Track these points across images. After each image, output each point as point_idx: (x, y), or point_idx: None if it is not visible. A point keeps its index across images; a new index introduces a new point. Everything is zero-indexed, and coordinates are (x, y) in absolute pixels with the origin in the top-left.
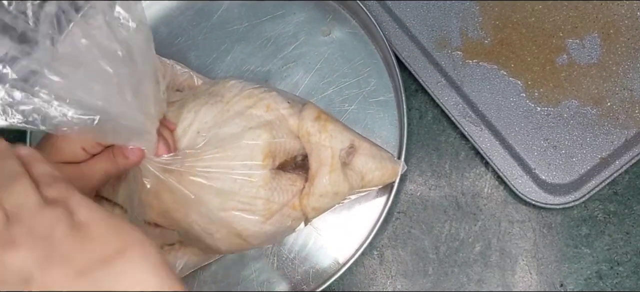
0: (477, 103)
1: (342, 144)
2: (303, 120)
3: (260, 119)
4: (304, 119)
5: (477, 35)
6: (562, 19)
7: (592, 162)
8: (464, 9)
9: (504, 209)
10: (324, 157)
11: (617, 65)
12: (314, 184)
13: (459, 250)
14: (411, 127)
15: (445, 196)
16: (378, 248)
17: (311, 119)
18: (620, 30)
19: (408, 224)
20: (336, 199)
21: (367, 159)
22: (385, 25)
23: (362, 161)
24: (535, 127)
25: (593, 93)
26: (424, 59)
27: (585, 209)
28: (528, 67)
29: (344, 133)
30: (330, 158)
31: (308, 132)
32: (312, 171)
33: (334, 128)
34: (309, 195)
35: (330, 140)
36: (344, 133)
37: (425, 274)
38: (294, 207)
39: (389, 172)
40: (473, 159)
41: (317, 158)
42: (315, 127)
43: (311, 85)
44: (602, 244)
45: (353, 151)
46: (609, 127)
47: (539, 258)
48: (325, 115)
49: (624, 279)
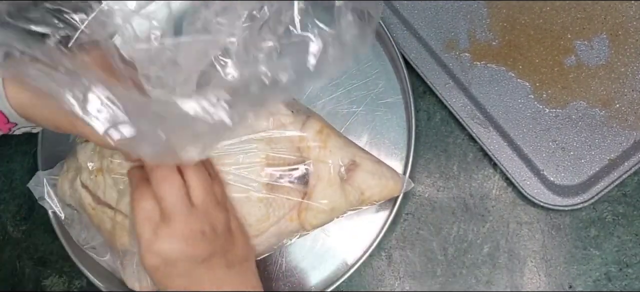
0: (485, 105)
1: (343, 161)
2: (305, 133)
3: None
4: (306, 132)
5: (485, 37)
6: (570, 20)
7: (601, 163)
8: (472, 11)
9: (513, 210)
10: (323, 172)
11: (625, 67)
12: (311, 200)
13: (467, 251)
14: (419, 129)
15: (454, 197)
16: (386, 249)
17: (313, 133)
18: (628, 31)
19: (416, 225)
20: (333, 214)
21: (367, 176)
22: (393, 28)
23: (362, 178)
24: (543, 129)
25: (601, 94)
26: (432, 61)
27: (594, 211)
28: (536, 69)
29: (345, 149)
30: (328, 174)
31: (309, 146)
32: (310, 185)
33: (336, 143)
34: (306, 210)
35: (331, 156)
36: (345, 149)
37: (434, 275)
38: (291, 219)
39: (390, 189)
40: (481, 161)
41: (316, 173)
42: (317, 142)
43: (319, 87)
44: (611, 245)
45: (354, 167)
46: (617, 128)
47: (547, 260)
48: (328, 129)
49: (632, 280)
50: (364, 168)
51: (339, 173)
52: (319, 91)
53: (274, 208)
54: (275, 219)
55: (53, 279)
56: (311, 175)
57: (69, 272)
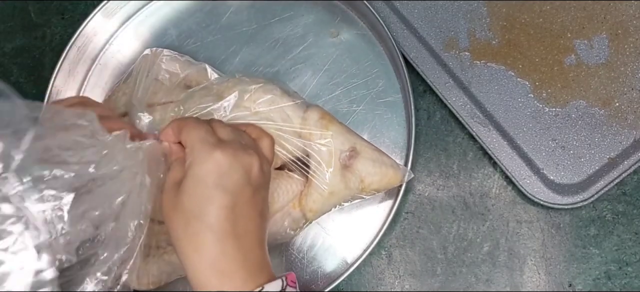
0: (485, 103)
1: (343, 146)
2: (306, 120)
3: (262, 118)
4: (308, 119)
5: (485, 36)
6: (570, 19)
7: (601, 162)
8: (472, 10)
9: (512, 209)
10: (323, 157)
11: (625, 66)
12: (311, 184)
13: (467, 250)
14: (419, 128)
15: (454, 196)
16: (386, 248)
17: (314, 119)
18: (628, 30)
19: (416, 224)
20: (332, 199)
21: (367, 163)
22: (393, 27)
23: (362, 165)
24: (543, 128)
25: (601, 93)
26: (432, 60)
27: (593, 210)
28: (536, 68)
29: (346, 135)
30: (329, 158)
31: (310, 133)
32: (311, 170)
33: (337, 129)
34: (307, 195)
35: (331, 141)
36: (346, 135)
37: (434, 274)
38: (294, 206)
39: (390, 177)
40: (481, 160)
41: (316, 158)
42: (318, 128)
43: (319, 86)
44: (611, 244)
45: (354, 154)
46: (617, 127)
47: (547, 258)
48: (329, 116)
49: (632, 279)
50: (364, 155)
51: (340, 159)
52: (318, 90)
53: (278, 194)
54: (280, 205)
55: None
56: (312, 160)
57: None
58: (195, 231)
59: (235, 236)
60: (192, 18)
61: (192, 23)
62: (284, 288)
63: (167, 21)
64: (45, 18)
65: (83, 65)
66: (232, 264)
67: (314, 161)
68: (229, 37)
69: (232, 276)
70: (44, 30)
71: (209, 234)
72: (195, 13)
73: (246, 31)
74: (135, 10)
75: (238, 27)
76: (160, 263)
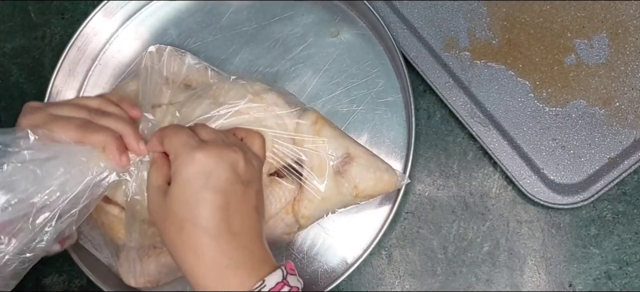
0: (485, 103)
1: (337, 152)
2: (300, 124)
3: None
4: (302, 124)
5: (485, 35)
6: (570, 19)
7: (601, 162)
8: (472, 10)
9: (513, 209)
10: (315, 163)
11: (625, 65)
12: (304, 191)
13: (467, 250)
14: (419, 128)
15: (454, 196)
16: (386, 248)
17: (308, 124)
18: (628, 30)
19: (416, 224)
20: (324, 205)
21: (361, 169)
22: (393, 27)
23: (356, 170)
24: (543, 128)
25: (601, 93)
26: (432, 60)
27: (593, 209)
28: (536, 68)
29: (340, 140)
30: (320, 163)
31: (303, 138)
32: (303, 177)
33: (330, 134)
34: (299, 201)
35: (325, 146)
36: (340, 140)
37: (434, 274)
38: (287, 212)
39: (385, 182)
40: (481, 159)
41: (309, 162)
42: (311, 133)
43: (319, 86)
44: (611, 244)
45: (348, 160)
46: (617, 127)
47: (547, 258)
48: (323, 121)
49: (632, 279)
50: (358, 161)
51: (334, 165)
52: (318, 90)
53: (270, 201)
54: (274, 211)
55: (53, 278)
56: (305, 165)
57: (69, 271)
58: (191, 235)
59: (232, 234)
60: (192, 18)
61: (192, 23)
62: (285, 276)
63: (167, 21)
64: (45, 18)
65: (83, 65)
66: (232, 262)
67: (306, 166)
68: (229, 37)
69: (234, 273)
70: (44, 30)
71: (205, 236)
72: (195, 13)
73: (246, 31)
74: (136, 10)
75: (238, 27)
76: (156, 263)
